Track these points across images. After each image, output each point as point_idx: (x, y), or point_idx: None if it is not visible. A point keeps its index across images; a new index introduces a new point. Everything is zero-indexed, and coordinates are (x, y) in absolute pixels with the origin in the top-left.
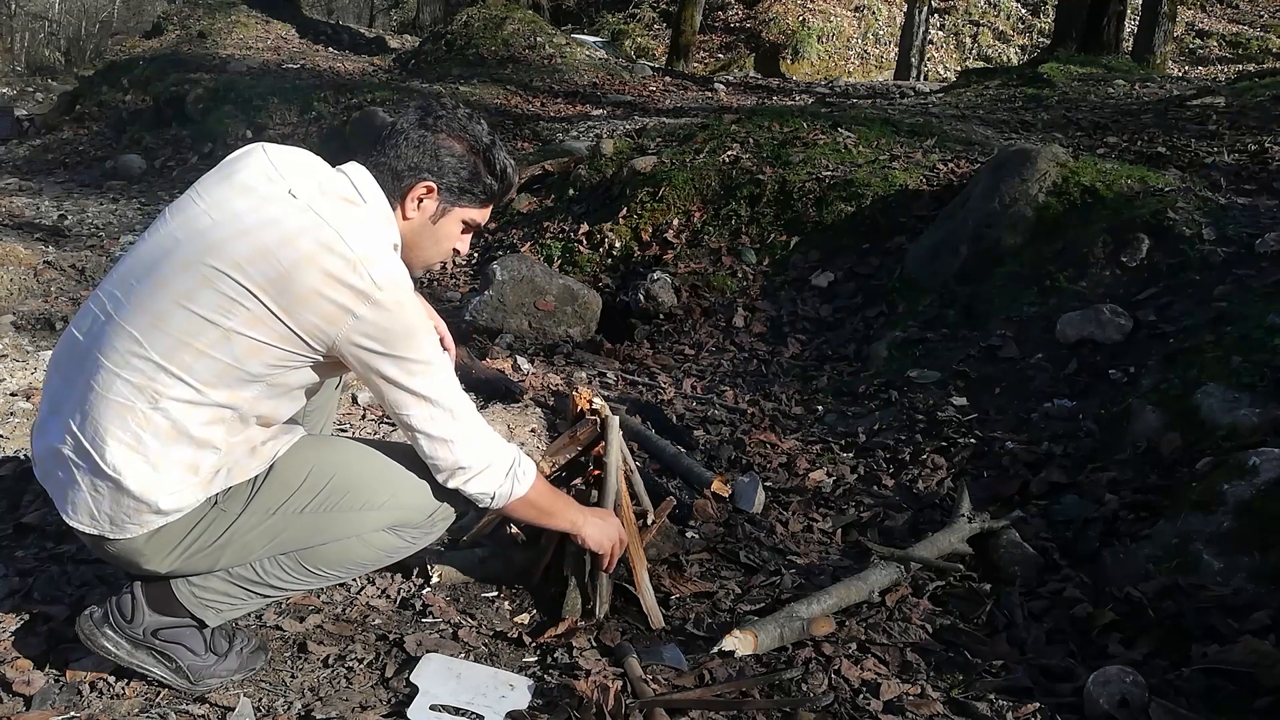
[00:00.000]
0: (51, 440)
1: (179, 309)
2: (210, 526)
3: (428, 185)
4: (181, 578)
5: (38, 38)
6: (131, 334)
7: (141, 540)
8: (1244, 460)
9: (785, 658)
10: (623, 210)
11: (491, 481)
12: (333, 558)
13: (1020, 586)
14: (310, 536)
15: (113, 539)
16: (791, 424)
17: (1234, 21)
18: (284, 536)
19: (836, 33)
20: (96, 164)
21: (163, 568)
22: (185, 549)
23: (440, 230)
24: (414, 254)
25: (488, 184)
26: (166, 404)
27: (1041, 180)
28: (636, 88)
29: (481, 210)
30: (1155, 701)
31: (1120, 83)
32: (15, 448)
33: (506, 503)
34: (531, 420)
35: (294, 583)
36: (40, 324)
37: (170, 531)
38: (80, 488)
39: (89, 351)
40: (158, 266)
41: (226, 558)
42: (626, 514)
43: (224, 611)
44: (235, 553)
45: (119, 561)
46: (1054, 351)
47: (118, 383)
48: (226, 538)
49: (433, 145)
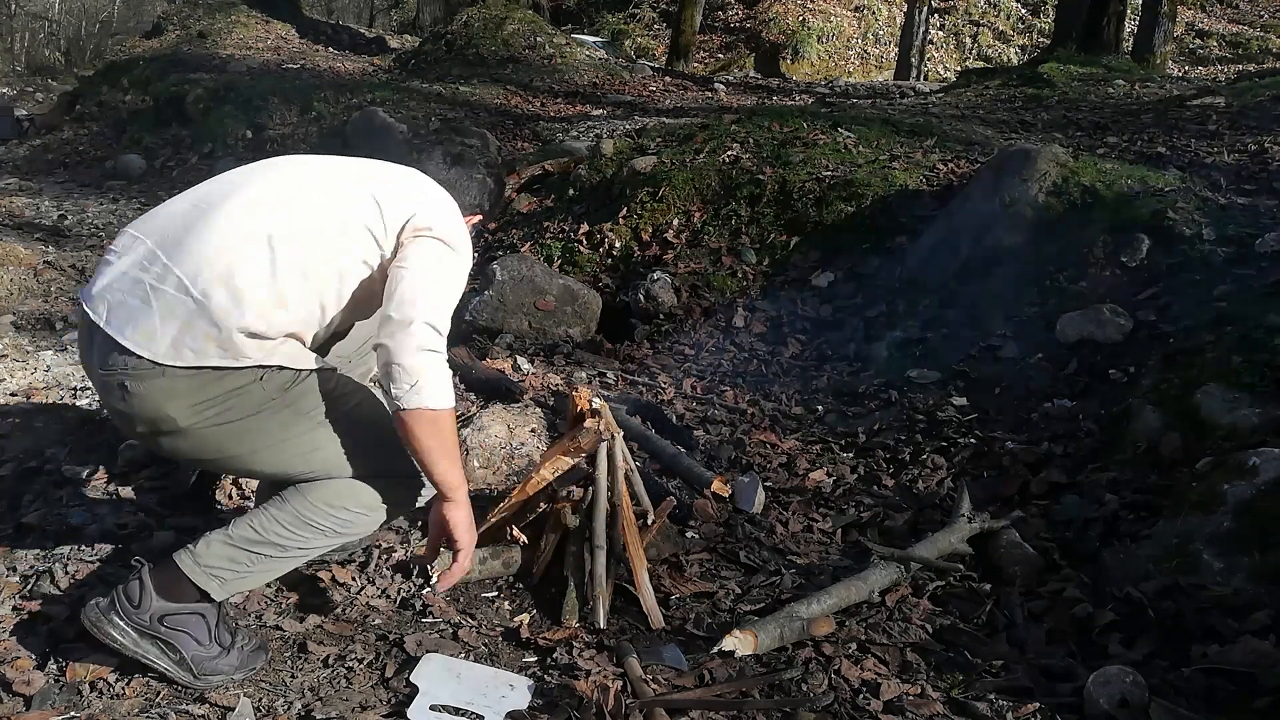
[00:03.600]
0: (132, 269)
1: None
2: (246, 396)
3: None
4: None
5: (38, 38)
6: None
7: (185, 378)
8: (1244, 460)
9: (785, 658)
10: (623, 210)
11: (415, 365)
12: (327, 499)
13: (1020, 586)
14: (314, 455)
15: (162, 365)
16: (791, 424)
17: (1234, 21)
18: (294, 444)
19: (836, 33)
20: (96, 164)
21: (183, 419)
22: (213, 406)
23: None
24: None
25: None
26: (283, 274)
27: (1041, 180)
28: (636, 88)
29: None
30: (1155, 701)
31: (1120, 83)
32: (16, 448)
33: (412, 402)
34: (531, 420)
35: (291, 538)
36: (40, 324)
37: (212, 381)
38: (153, 311)
39: (215, 210)
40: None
41: (237, 445)
42: (626, 514)
43: (228, 581)
44: (249, 440)
45: (142, 410)
46: (1054, 351)
47: (240, 240)
48: (253, 419)
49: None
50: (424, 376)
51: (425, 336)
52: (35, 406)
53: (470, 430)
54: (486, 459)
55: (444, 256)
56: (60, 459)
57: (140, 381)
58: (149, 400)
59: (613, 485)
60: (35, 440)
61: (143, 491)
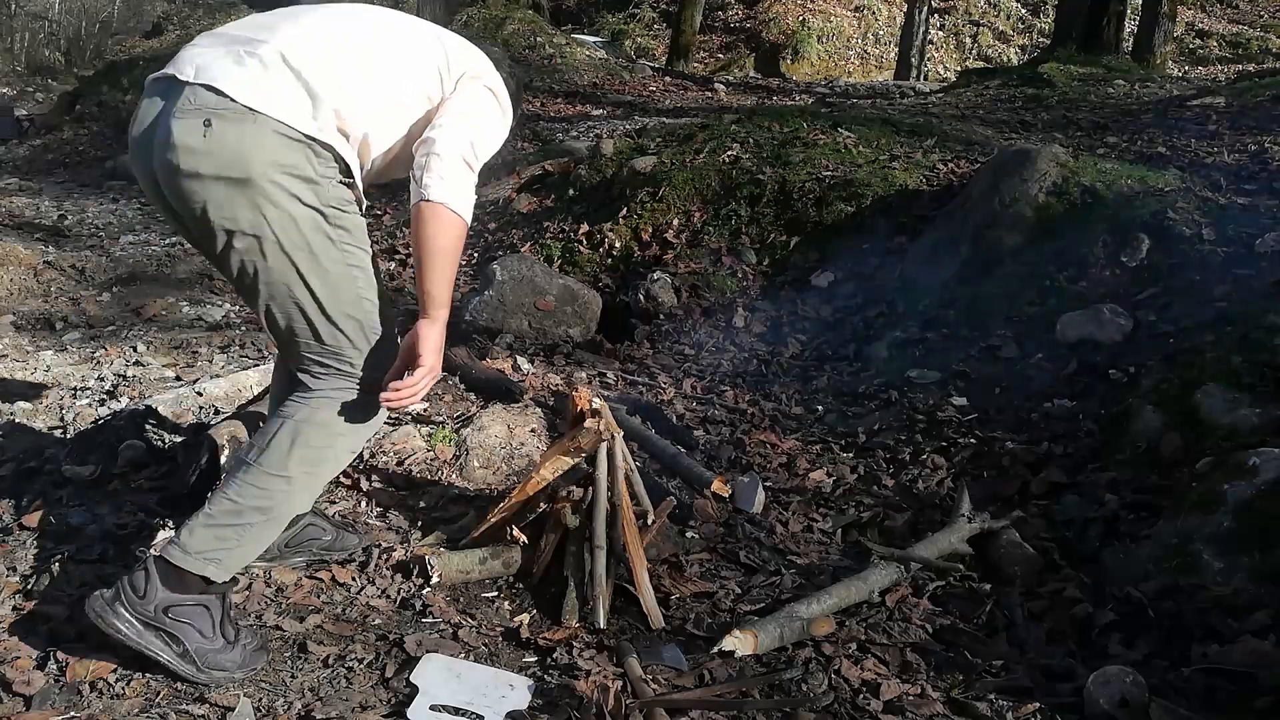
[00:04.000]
0: (220, 43)
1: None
2: (314, 189)
3: None
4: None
5: (38, 38)
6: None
7: (273, 135)
8: (1244, 460)
9: (785, 658)
10: (623, 210)
11: (448, 169)
12: (302, 439)
13: (1020, 586)
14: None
15: (256, 111)
16: (791, 424)
17: (1234, 21)
18: (339, 271)
19: (836, 33)
20: (96, 164)
21: (256, 171)
22: (285, 176)
23: None
24: None
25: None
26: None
27: (1041, 180)
28: (636, 88)
29: None
30: (1155, 701)
31: (1120, 83)
32: (16, 448)
33: (439, 194)
34: (531, 420)
35: (268, 497)
36: (40, 324)
37: (294, 149)
38: (247, 67)
39: (306, 13)
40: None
41: (286, 233)
42: (626, 514)
43: (224, 560)
44: (296, 236)
45: (220, 150)
46: (1054, 351)
47: (333, 37)
48: (311, 215)
49: None
50: (457, 178)
51: (467, 150)
52: (35, 406)
53: (470, 430)
54: (486, 459)
55: (492, 106)
56: (60, 459)
57: (228, 122)
58: (230, 141)
59: (613, 485)
60: (35, 440)
61: (143, 491)
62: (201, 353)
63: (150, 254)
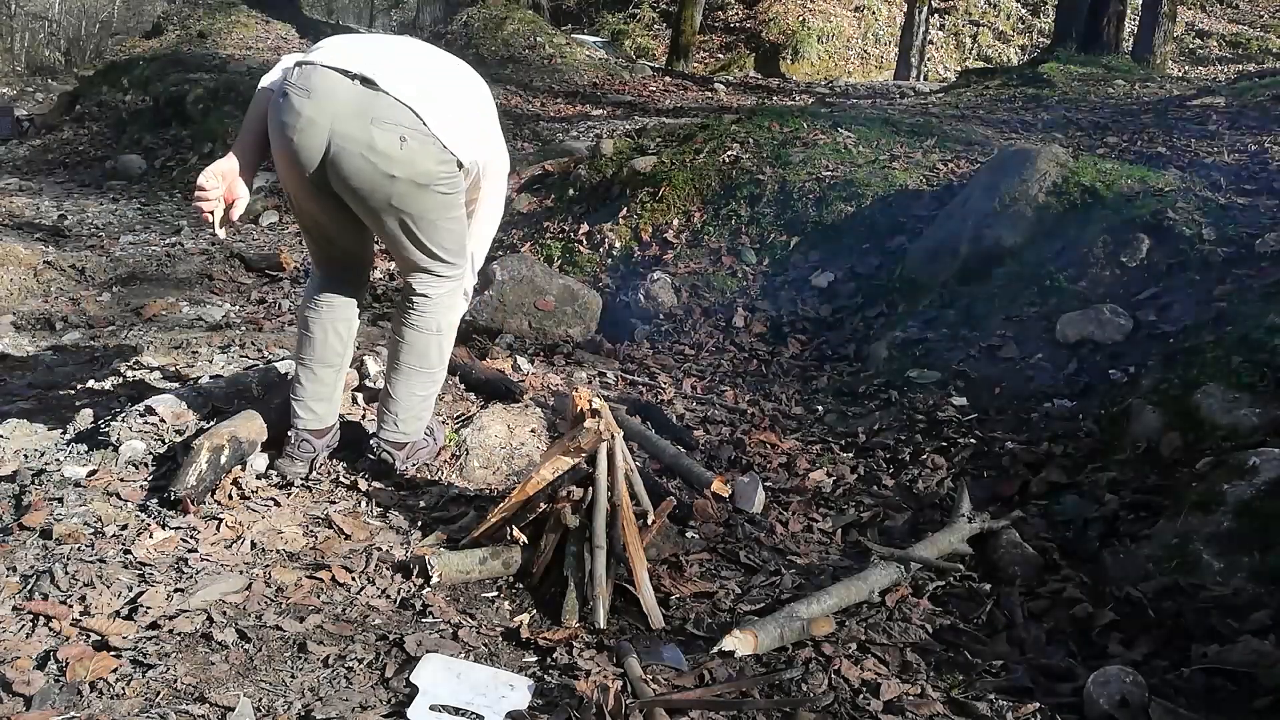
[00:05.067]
0: (401, 67)
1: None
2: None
3: None
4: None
5: (38, 38)
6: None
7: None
8: (1244, 460)
9: (785, 658)
10: (623, 210)
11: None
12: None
13: (1020, 586)
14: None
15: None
16: (791, 424)
17: (1234, 21)
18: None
19: (836, 33)
20: (96, 164)
21: (432, 176)
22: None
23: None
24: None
25: None
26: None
27: (1041, 180)
28: (636, 88)
29: None
30: (1155, 701)
31: (1120, 83)
32: (15, 448)
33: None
34: (531, 420)
35: (438, 376)
36: (40, 324)
37: (445, 160)
38: (425, 95)
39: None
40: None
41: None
42: (626, 514)
43: (422, 421)
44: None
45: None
46: (1054, 351)
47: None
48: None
49: None
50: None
51: (469, 281)
52: (35, 406)
53: (470, 430)
54: (486, 459)
55: (499, 200)
56: (60, 459)
57: (418, 141)
58: (418, 157)
59: (613, 485)
60: (35, 440)
61: (143, 491)
62: (201, 353)
63: (150, 254)
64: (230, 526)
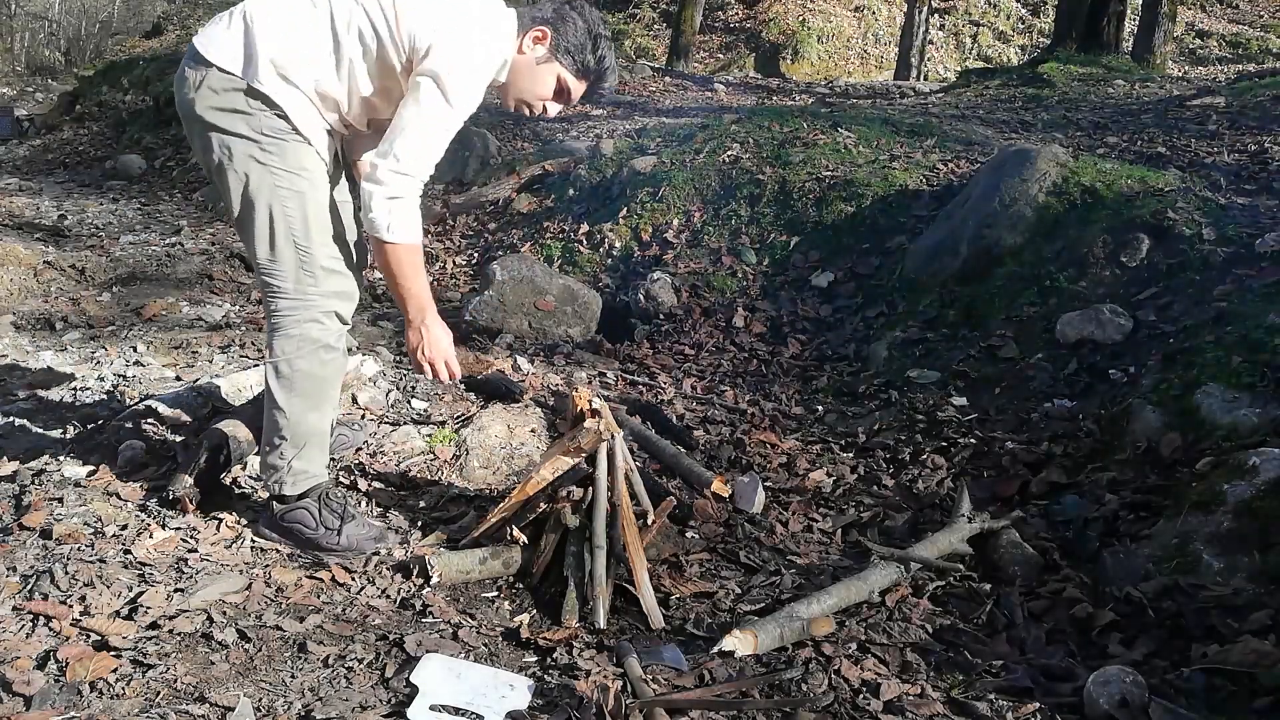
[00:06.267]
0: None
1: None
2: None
3: (543, 32)
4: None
5: (38, 38)
6: None
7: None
8: (1244, 460)
9: (785, 658)
10: (623, 210)
11: (382, 210)
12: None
13: (1020, 586)
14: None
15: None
16: (791, 424)
17: (1234, 21)
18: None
19: (836, 33)
20: (96, 164)
21: (200, 108)
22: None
23: (538, 73)
24: (512, 81)
25: (587, 59)
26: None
27: (1041, 180)
28: (636, 88)
29: (576, 80)
30: (1155, 701)
31: (1120, 83)
32: (16, 448)
33: (380, 235)
34: (531, 420)
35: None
36: (40, 324)
37: (233, 90)
38: (215, 24)
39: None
40: None
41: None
42: (626, 514)
43: (285, 472)
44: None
45: (182, 93)
46: (1054, 351)
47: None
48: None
49: (564, 12)
50: (396, 210)
51: (396, 185)
52: (35, 406)
53: (470, 430)
54: (486, 459)
55: (438, 110)
56: (60, 459)
57: (190, 61)
58: (189, 76)
59: (613, 485)
60: (35, 440)
61: (143, 491)
62: (201, 353)
63: (150, 254)
64: (230, 526)
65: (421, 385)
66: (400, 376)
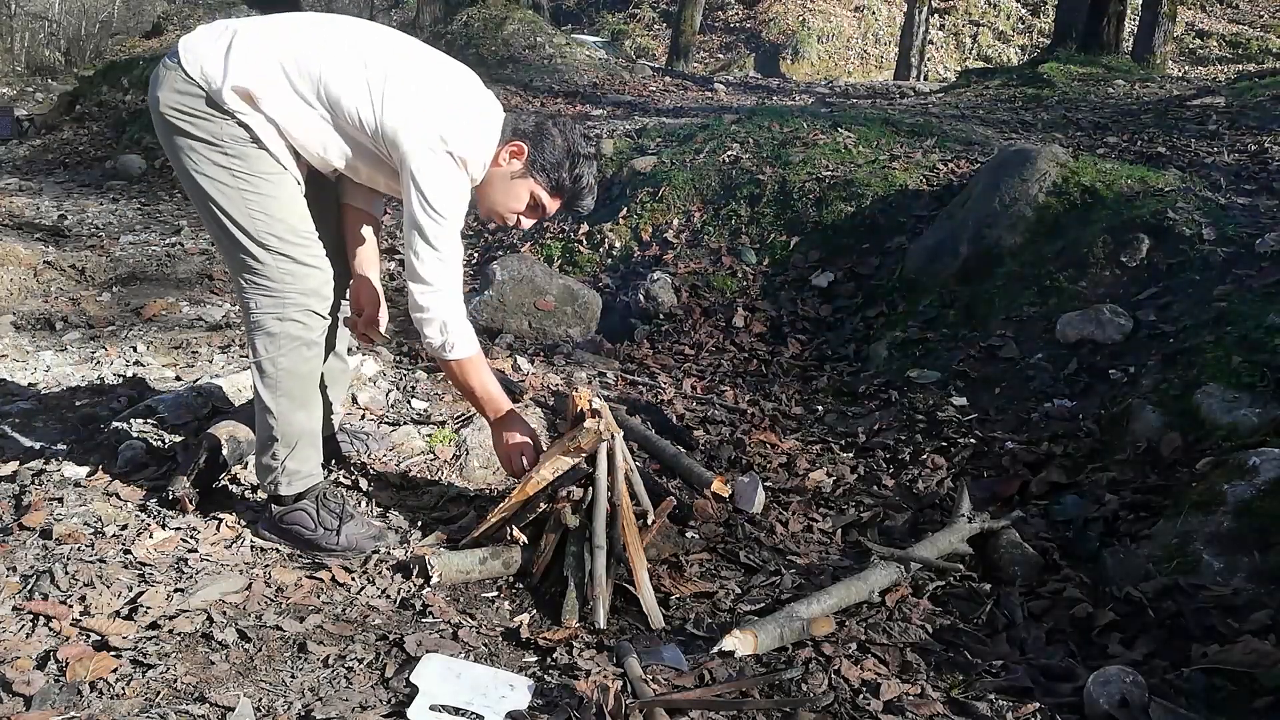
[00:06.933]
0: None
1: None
2: (208, 123)
3: (519, 147)
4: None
5: (38, 38)
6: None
7: (184, 80)
8: (1244, 460)
9: (785, 658)
10: (623, 210)
11: (435, 333)
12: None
13: (1020, 586)
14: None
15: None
16: (791, 424)
17: (1234, 21)
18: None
19: (836, 33)
20: (96, 164)
21: (163, 105)
22: (188, 116)
23: (512, 187)
24: (486, 192)
25: (563, 177)
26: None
27: (1041, 180)
28: (636, 88)
29: (550, 197)
30: (1155, 701)
31: (1120, 83)
32: (16, 448)
33: (443, 356)
34: (531, 420)
35: (269, 394)
36: (40, 324)
37: (196, 97)
38: (199, 31)
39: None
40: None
41: (187, 159)
42: (626, 514)
43: (281, 473)
44: (191, 157)
45: (151, 93)
46: (1054, 351)
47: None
48: (201, 144)
49: (545, 128)
50: (447, 337)
51: (436, 306)
52: (35, 406)
53: (470, 430)
54: (486, 459)
55: (430, 228)
56: (60, 459)
57: (167, 66)
58: (165, 78)
59: (613, 485)
60: (35, 440)
61: (143, 491)
62: (201, 353)
63: (150, 254)
64: (230, 526)
65: (421, 385)
66: (400, 376)
